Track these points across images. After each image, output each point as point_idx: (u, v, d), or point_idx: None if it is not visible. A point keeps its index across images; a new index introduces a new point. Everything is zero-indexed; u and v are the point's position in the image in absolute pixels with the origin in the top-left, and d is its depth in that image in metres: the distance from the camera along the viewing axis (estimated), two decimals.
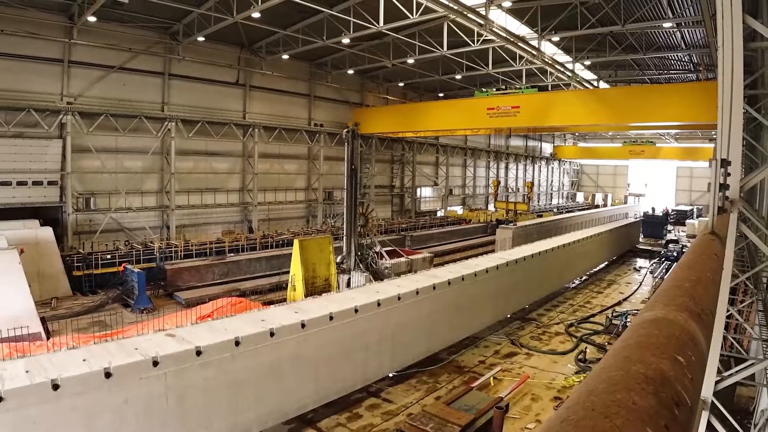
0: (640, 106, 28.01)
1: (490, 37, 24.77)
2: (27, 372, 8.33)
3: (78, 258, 23.55)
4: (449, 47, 28.26)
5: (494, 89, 35.83)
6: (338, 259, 20.58)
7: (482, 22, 22.53)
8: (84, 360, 8.95)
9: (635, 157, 64.44)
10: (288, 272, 19.95)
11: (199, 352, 9.90)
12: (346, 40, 28.58)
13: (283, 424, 12.34)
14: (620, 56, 30.90)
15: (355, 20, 24.78)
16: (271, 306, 14.21)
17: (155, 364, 9.27)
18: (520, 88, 32.85)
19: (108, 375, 8.69)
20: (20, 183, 24.47)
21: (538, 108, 31.09)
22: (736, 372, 6.98)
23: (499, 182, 51.41)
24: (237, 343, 10.54)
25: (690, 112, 26.07)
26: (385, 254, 23.27)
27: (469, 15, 22.25)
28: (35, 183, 24.97)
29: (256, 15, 23.80)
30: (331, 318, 12.66)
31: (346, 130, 20.92)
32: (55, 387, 8.14)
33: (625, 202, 73.80)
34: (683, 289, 2.77)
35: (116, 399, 8.85)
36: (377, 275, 20.56)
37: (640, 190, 73.97)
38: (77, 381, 8.40)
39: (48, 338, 15.18)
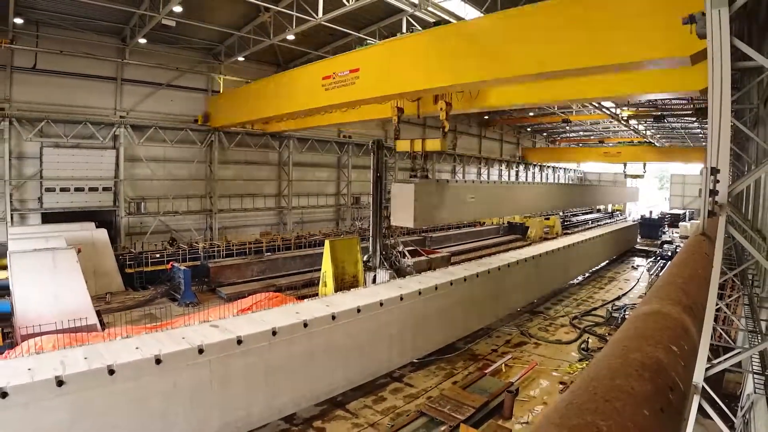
0: (539, 47, 12.50)
1: None
2: (85, 359, 8.43)
3: (130, 257, 23.79)
4: None
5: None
6: (365, 258, 20.54)
7: None
8: (137, 348, 9.04)
9: (610, 160, 55.64)
10: (319, 270, 19.98)
11: (240, 341, 9.97)
12: None
13: (315, 406, 12.39)
14: None
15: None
16: (305, 300, 14.26)
17: (201, 351, 9.35)
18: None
19: (158, 361, 8.77)
20: (78, 189, 24.89)
21: (382, 67, 16.92)
22: (725, 360, 6.91)
23: None
24: (274, 333, 10.60)
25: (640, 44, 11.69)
26: (407, 253, 23.14)
27: None
28: (91, 189, 25.38)
29: (290, 37, 23.85)
30: (358, 311, 12.71)
31: (371, 141, 20.95)
32: (111, 372, 8.23)
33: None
34: (677, 285, 2.81)
35: (165, 384, 8.93)
36: (400, 272, 20.49)
37: (638, 171, 60.32)
38: (131, 367, 8.49)
39: (103, 329, 15.30)
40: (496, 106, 21.02)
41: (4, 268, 17.45)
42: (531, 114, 48.48)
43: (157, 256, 24.42)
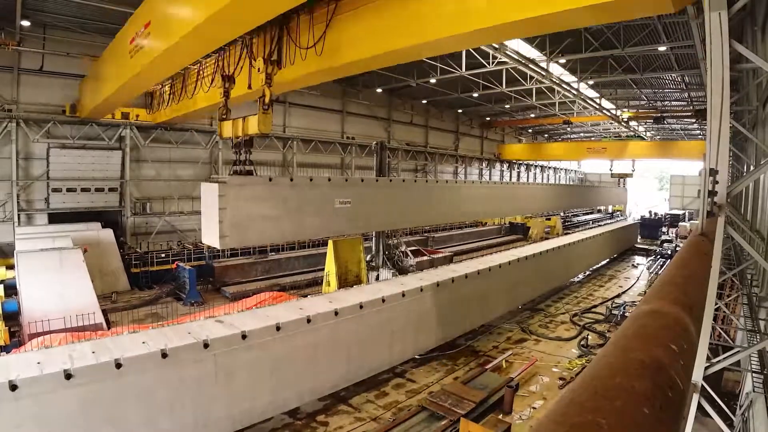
0: None
1: (504, 59, 24.40)
2: (93, 353, 8.49)
3: (135, 257, 23.89)
4: (467, 68, 28.11)
5: None
6: (368, 258, 20.58)
7: (497, 46, 22.39)
8: (143, 342, 9.12)
9: (595, 156, 50.41)
10: (323, 269, 20.04)
11: (244, 336, 10.03)
12: None
13: (318, 400, 12.50)
14: (620, 76, 30.38)
15: None
16: (308, 296, 14.30)
17: (206, 346, 9.41)
18: None
19: (165, 356, 8.83)
20: (84, 189, 24.93)
21: (170, 9, 11.29)
22: (724, 359, 6.98)
23: None
24: (278, 328, 10.67)
25: None
26: (409, 253, 23.20)
27: None
28: (97, 190, 25.39)
29: None
30: (361, 307, 12.75)
31: (375, 142, 20.97)
32: (118, 366, 8.30)
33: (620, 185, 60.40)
34: (676, 285, 2.81)
35: (171, 377, 9.00)
36: (402, 272, 20.52)
37: (626, 170, 52.81)
38: (138, 361, 8.55)
39: (109, 328, 15.35)
40: (355, 60, 12.17)
41: (12, 267, 17.53)
42: (532, 116, 48.54)
43: (163, 255, 24.55)
